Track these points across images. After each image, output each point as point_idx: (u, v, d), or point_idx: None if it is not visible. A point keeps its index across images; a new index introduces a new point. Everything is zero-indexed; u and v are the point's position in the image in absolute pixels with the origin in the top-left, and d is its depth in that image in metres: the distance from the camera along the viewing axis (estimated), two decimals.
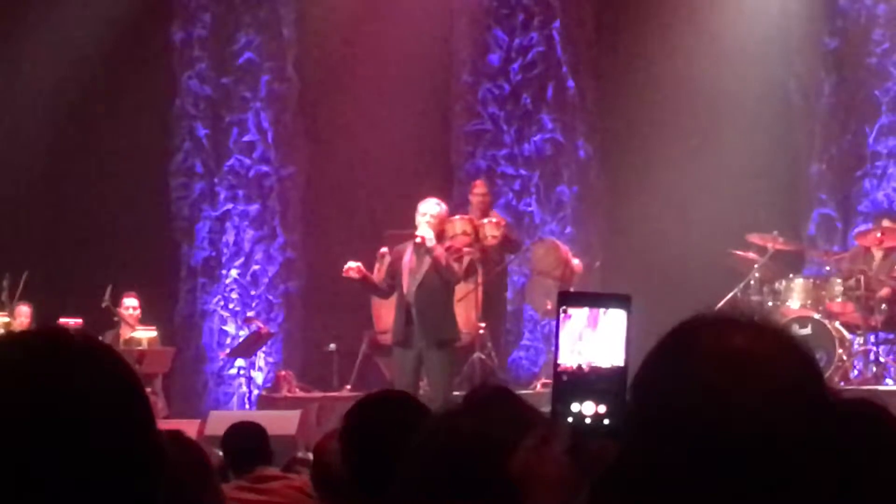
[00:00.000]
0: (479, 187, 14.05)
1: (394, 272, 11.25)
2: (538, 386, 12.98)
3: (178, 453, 4.34)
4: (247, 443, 6.39)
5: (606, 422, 1.86)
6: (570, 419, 1.88)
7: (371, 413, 3.48)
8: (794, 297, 12.77)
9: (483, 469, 2.29)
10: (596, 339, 1.89)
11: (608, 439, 1.85)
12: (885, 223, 12.88)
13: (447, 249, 11.25)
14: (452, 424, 2.41)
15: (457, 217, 13.39)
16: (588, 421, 1.87)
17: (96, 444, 1.60)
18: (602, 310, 1.90)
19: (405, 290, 11.12)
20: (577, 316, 1.90)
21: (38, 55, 15.26)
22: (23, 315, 13.47)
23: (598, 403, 1.88)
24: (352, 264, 11.16)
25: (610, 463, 1.77)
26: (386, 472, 2.44)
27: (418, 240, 11.06)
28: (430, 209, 11.19)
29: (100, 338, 11.55)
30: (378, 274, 11.55)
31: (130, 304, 13.77)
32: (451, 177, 15.44)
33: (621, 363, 1.88)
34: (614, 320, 1.89)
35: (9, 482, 1.58)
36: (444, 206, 11.40)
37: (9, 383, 1.61)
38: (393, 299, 11.49)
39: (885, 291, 12.49)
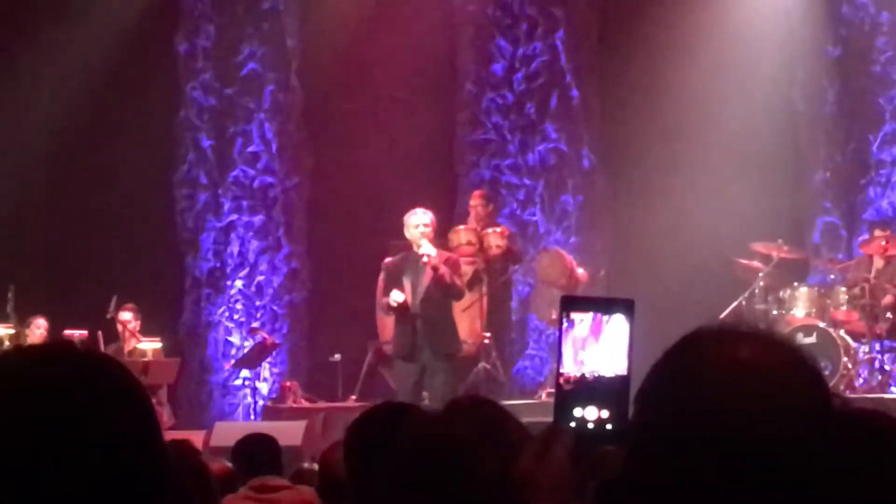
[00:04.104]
0: (474, 199, 14.01)
1: (391, 287, 11.20)
2: (543, 395, 12.96)
3: (179, 462, 4.36)
4: (259, 454, 6.39)
5: (609, 427, 1.87)
6: (572, 424, 1.88)
7: (374, 425, 3.49)
8: (799, 306, 12.76)
9: (456, 476, 2.32)
10: (599, 349, 1.89)
11: (610, 444, 1.85)
12: (877, 233, 12.88)
13: (446, 262, 11.21)
14: (427, 432, 2.45)
15: (461, 227, 13.39)
16: (590, 426, 1.87)
17: (102, 455, 1.60)
18: (605, 318, 1.90)
19: (409, 304, 11.09)
20: (580, 325, 1.90)
21: (43, 66, 15.29)
22: (41, 328, 13.43)
23: (600, 408, 1.88)
24: (398, 297, 11.08)
25: (613, 470, 1.77)
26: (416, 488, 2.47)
27: (425, 259, 11.01)
28: (422, 220, 11.12)
29: (105, 349, 11.51)
30: (381, 283, 11.54)
31: (125, 319, 13.69)
32: (455, 187, 15.45)
33: (624, 369, 1.88)
34: (617, 328, 1.90)
35: (14, 494, 1.58)
36: (430, 213, 11.32)
37: (14, 396, 1.62)
38: None
39: (889, 300, 12.48)
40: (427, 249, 11.03)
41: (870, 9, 14.59)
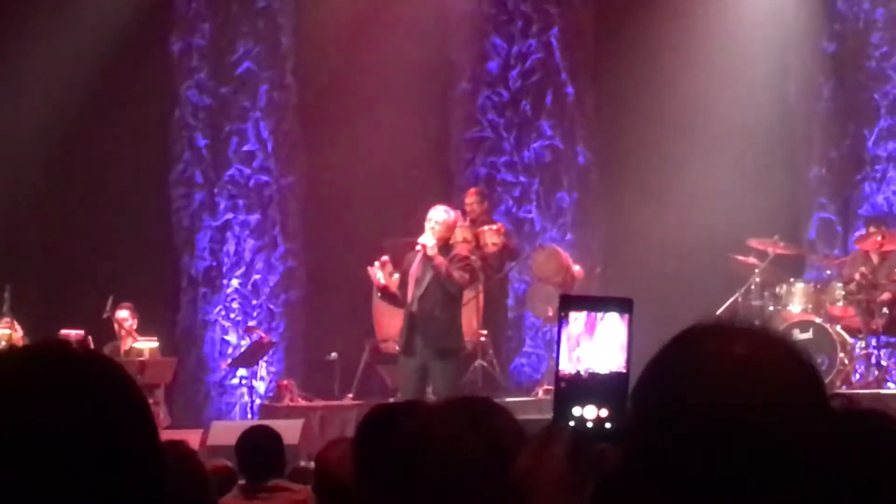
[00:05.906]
0: (469, 196, 14.03)
1: (404, 282, 11.25)
2: (540, 392, 12.97)
3: (175, 462, 4.35)
4: (262, 447, 6.37)
5: (608, 426, 1.86)
6: (571, 423, 1.88)
7: (384, 423, 3.48)
8: (795, 302, 12.77)
9: (440, 470, 2.33)
10: (593, 346, 1.89)
11: (609, 443, 1.85)
12: (871, 229, 12.89)
13: (452, 258, 11.23)
14: (412, 429, 2.46)
15: (458, 225, 13.39)
16: (589, 425, 1.87)
17: (99, 456, 1.60)
18: (599, 316, 1.90)
19: (410, 298, 11.13)
20: (575, 322, 1.90)
21: (37, 66, 15.26)
22: (11, 325, 13.40)
23: (599, 407, 1.87)
24: (378, 272, 11.15)
25: (611, 468, 1.77)
26: (399, 482, 2.47)
27: (418, 247, 11.06)
28: (436, 216, 11.17)
29: (102, 349, 11.48)
30: (377, 282, 11.53)
31: (122, 318, 13.69)
32: (450, 184, 15.45)
33: (621, 368, 1.88)
34: (613, 325, 1.89)
35: (12, 493, 1.58)
36: (452, 214, 11.38)
37: (11, 397, 1.62)
38: (395, 308, 11.49)
39: (885, 295, 12.49)
40: (424, 239, 11.06)
41: (864, 4, 14.59)
